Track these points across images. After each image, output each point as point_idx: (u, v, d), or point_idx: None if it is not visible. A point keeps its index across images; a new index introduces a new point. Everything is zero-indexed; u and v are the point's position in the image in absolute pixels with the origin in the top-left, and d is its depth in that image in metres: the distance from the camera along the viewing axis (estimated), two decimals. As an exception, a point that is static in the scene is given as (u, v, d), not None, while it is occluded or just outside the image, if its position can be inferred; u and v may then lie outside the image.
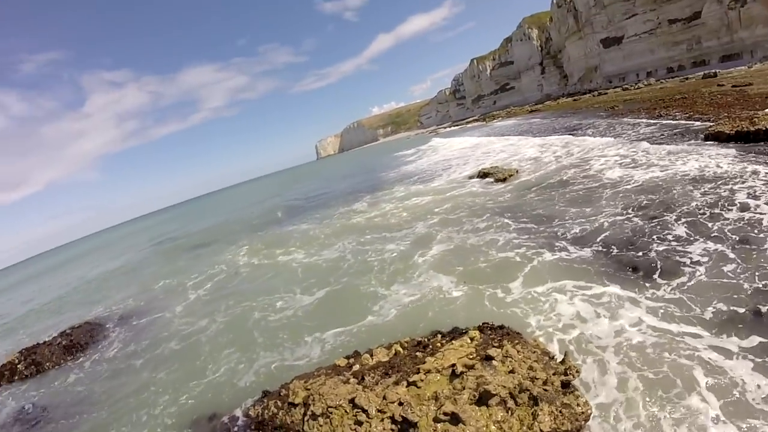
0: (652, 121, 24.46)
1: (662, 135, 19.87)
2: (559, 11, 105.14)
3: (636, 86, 63.39)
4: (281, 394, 7.12)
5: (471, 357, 5.73)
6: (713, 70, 51.94)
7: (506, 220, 14.20)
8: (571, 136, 28.24)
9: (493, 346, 5.82)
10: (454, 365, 5.73)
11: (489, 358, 5.44)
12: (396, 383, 6.14)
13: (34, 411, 11.16)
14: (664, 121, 23.22)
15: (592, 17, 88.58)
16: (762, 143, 14.17)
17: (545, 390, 4.80)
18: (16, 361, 14.66)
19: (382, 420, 5.29)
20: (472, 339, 6.37)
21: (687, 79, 52.88)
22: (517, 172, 20.97)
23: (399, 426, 5.10)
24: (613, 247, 9.79)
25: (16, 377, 14.09)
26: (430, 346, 6.97)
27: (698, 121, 20.48)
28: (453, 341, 6.58)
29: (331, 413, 5.80)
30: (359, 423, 5.38)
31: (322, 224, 23.51)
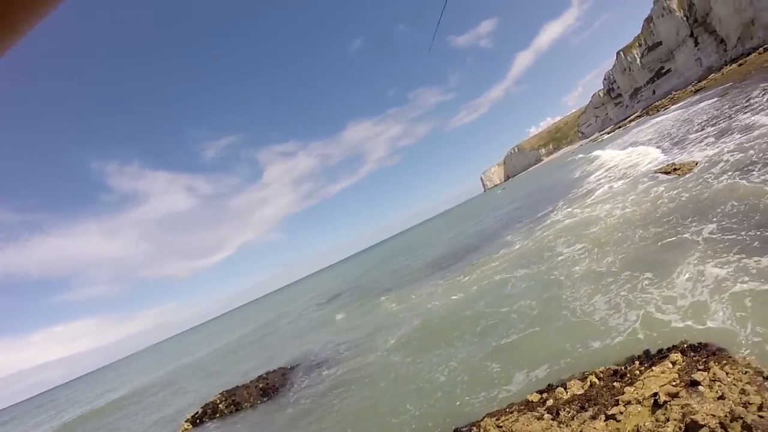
0: None
1: None
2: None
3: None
4: (472, 432, 7.26)
5: (674, 384, 5.17)
6: None
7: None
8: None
9: (699, 369, 5.18)
10: (656, 394, 5.30)
11: (695, 384, 4.89)
12: (593, 417, 5.92)
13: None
14: None
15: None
16: None
17: (761, 417, 4.09)
18: (218, 401, 18.72)
19: (577, 456, 5.06)
20: (674, 363, 5.74)
21: None
22: (696, 164, 18.19)
23: (596, 462, 4.82)
24: None
25: (218, 414, 17.87)
26: (628, 375, 6.45)
27: None
28: (653, 367, 5.97)
29: (523, 450, 5.74)
30: (552, 459, 5.22)
31: (489, 257, 23.81)
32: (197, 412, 18.39)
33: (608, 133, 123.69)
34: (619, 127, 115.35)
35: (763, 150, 14.92)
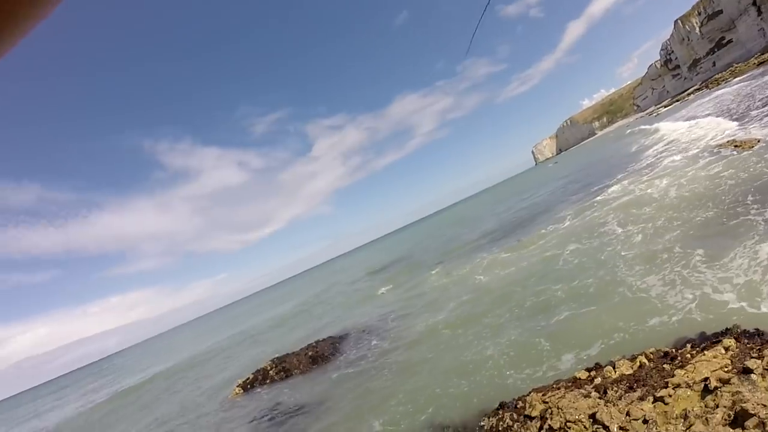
0: None
1: None
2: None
3: None
4: (517, 406, 7.53)
5: (726, 369, 5.18)
6: None
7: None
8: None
9: (752, 357, 5.16)
10: (707, 379, 5.31)
11: (747, 371, 4.89)
12: (641, 398, 6.02)
13: (281, 407, 14.85)
14: None
15: None
16: None
17: (813, 410, 4.07)
18: (268, 367, 19.76)
19: (624, 437, 5.24)
20: (726, 349, 5.74)
21: None
22: (758, 141, 17.37)
23: (642, 444, 4.99)
24: None
25: (268, 380, 18.94)
26: (679, 358, 6.46)
27: None
28: (705, 351, 5.99)
29: (569, 428, 5.98)
30: (598, 439, 5.42)
31: (540, 232, 24.24)
32: (248, 378, 19.57)
33: (665, 107, 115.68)
34: (677, 101, 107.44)
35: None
